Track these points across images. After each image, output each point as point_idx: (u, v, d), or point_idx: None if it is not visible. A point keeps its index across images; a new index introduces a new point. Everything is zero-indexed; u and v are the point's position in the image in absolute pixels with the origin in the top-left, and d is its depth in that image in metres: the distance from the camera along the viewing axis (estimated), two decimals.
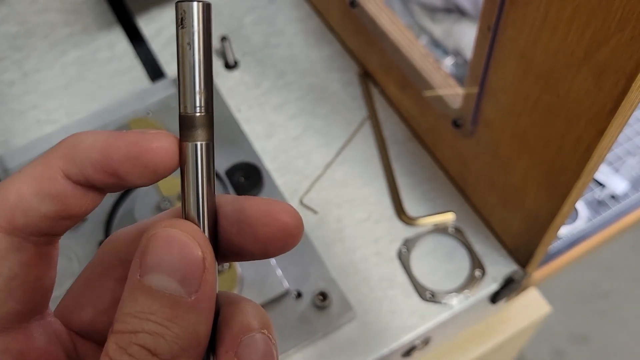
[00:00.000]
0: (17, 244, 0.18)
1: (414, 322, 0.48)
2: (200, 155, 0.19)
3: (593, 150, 0.34)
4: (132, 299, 0.17)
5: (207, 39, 0.19)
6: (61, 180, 0.19)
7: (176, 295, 0.17)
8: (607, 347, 1.29)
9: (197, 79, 0.19)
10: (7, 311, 0.18)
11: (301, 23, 0.65)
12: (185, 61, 0.18)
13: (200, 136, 0.19)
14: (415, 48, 0.50)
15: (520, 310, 0.60)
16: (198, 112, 0.19)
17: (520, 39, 0.35)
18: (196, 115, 0.19)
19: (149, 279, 0.17)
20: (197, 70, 0.18)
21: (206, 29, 0.19)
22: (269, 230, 0.19)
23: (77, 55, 0.64)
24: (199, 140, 0.19)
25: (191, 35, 0.18)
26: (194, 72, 0.18)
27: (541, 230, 0.44)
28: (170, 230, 0.18)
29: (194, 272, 0.17)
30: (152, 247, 0.17)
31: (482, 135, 0.45)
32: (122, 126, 0.55)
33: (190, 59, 0.18)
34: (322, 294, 0.47)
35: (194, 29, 0.18)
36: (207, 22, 0.19)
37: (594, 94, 0.32)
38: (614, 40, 0.29)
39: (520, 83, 0.38)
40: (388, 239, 0.51)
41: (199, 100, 0.19)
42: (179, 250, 0.17)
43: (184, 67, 0.19)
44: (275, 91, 0.60)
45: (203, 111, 0.19)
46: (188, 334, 0.17)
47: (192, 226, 0.18)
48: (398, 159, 0.56)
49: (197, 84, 0.19)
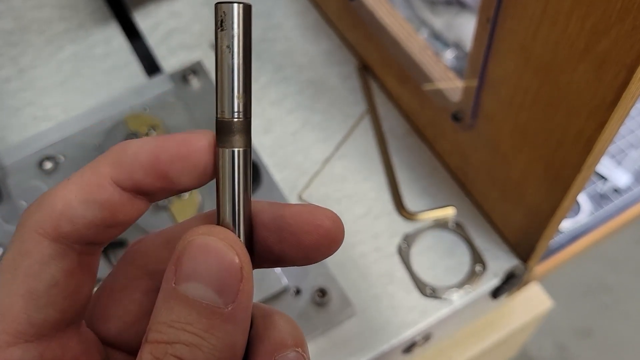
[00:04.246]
0: (61, 252, 0.18)
1: (414, 318, 0.48)
2: (238, 162, 0.18)
3: (594, 144, 0.34)
4: (167, 307, 0.17)
5: (248, 41, 0.18)
6: (109, 186, 0.18)
7: (213, 305, 0.17)
8: (610, 341, 1.29)
9: (236, 84, 0.18)
10: (44, 318, 0.18)
11: (299, 16, 0.64)
12: (224, 64, 0.18)
13: (238, 142, 0.18)
14: (414, 41, 0.49)
15: (522, 305, 0.59)
16: (236, 117, 0.18)
17: (520, 31, 0.35)
18: (234, 121, 0.18)
19: (185, 287, 0.17)
20: (237, 74, 0.18)
21: (246, 32, 0.18)
22: (312, 238, 0.19)
23: (73, 51, 0.63)
24: (236, 146, 0.18)
25: (231, 38, 0.18)
26: (233, 76, 0.18)
27: (542, 225, 0.43)
28: (208, 238, 0.17)
29: (231, 281, 0.17)
30: (188, 255, 0.17)
31: (482, 129, 0.44)
32: (119, 122, 0.54)
33: (230, 62, 0.18)
34: (321, 290, 0.46)
35: (234, 31, 0.18)
36: (248, 24, 0.18)
37: (595, 87, 0.32)
38: (615, 31, 0.28)
39: (520, 76, 0.37)
40: (388, 235, 0.51)
41: (238, 105, 0.18)
42: (216, 258, 0.17)
43: (222, 71, 0.18)
44: (273, 86, 0.60)
45: (241, 116, 0.18)
46: (225, 345, 0.17)
47: (229, 234, 0.18)
48: (398, 154, 0.55)
49: (235, 89, 0.18)
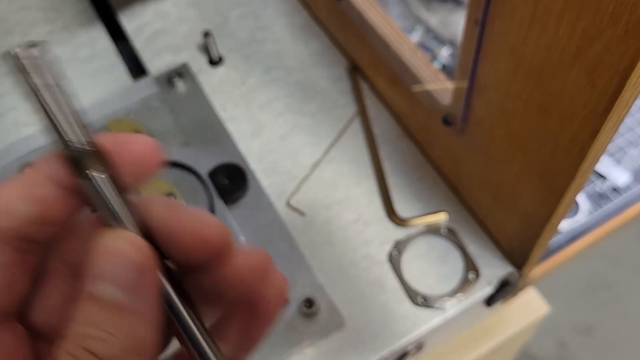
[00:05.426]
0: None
1: (406, 327, 0.46)
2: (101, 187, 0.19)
3: (588, 151, 0.33)
4: (80, 307, 0.18)
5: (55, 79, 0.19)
6: (46, 182, 0.19)
7: (117, 301, 0.18)
8: (611, 339, 1.28)
9: (61, 118, 0.18)
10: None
11: (288, 17, 0.62)
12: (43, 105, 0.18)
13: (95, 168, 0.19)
14: (404, 42, 0.48)
15: (519, 311, 0.58)
16: (77, 146, 0.19)
17: (510, 34, 0.33)
18: (76, 150, 0.19)
19: (93, 287, 0.18)
20: (57, 111, 0.18)
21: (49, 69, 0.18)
22: (200, 254, 0.20)
23: (58, 53, 0.62)
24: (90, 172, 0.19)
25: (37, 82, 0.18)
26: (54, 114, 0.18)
27: (537, 231, 0.42)
28: (110, 240, 0.18)
29: (132, 278, 0.18)
30: (95, 257, 0.18)
31: (473, 134, 0.43)
32: (102, 127, 0.53)
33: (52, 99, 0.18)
34: (308, 300, 0.45)
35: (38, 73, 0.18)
36: (46, 62, 0.18)
37: (588, 93, 0.30)
38: (607, 35, 0.27)
39: (511, 81, 0.35)
40: (378, 241, 0.50)
41: (73, 135, 0.19)
42: (118, 257, 0.18)
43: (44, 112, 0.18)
44: (261, 88, 0.58)
45: (81, 144, 0.19)
46: (130, 338, 0.18)
47: (129, 233, 0.19)
48: (389, 158, 0.53)
49: (62, 123, 0.18)
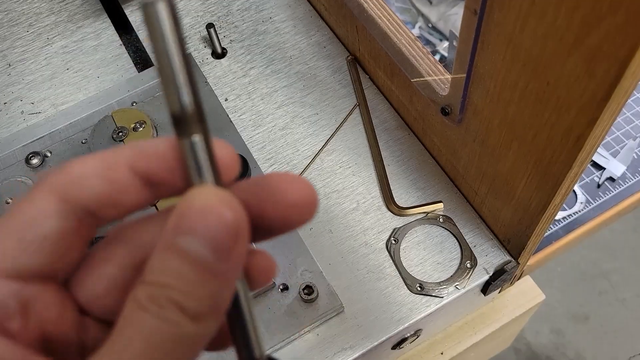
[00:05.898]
0: (63, 212, 0.19)
1: (403, 314, 0.47)
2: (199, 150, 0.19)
3: (585, 141, 0.33)
4: (164, 256, 0.18)
5: (179, 35, 0.18)
6: (124, 167, 0.20)
7: (205, 261, 0.18)
8: (607, 327, 1.29)
9: (179, 77, 0.18)
10: (29, 264, 0.19)
11: (290, 9, 0.63)
12: (163, 61, 0.18)
13: (194, 131, 0.19)
14: (403, 34, 0.48)
15: (515, 299, 0.59)
16: (186, 109, 0.19)
17: (507, 24, 0.34)
18: (185, 113, 0.19)
19: (182, 240, 0.18)
20: (177, 69, 0.18)
21: (176, 25, 0.18)
22: (290, 197, 0.20)
23: (63, 44, 0.63)
24: (193, 135, 0.19)
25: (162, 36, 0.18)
26: (175, 71, 0.18)
27: (533, 221, 0.43)
28: (210, 197, 0.18)
29: (226, 242, 0.18)
30: (190, 211, 0.18)
31: (470, 123, 0.44)
32: (106, 117, 0.54)
33: (168, 58, 0.18)
34: (307, 287, 0.46)
35: (164, 28, 0.18)
36: (175, 18, 0.18)
37: (585, 82, 0.31)
38: (606, 24, 0.27)
39: (508, 70, 0.36)
40: (377, 230, 0.50)
41: (185, 97, 0.19)
42: (215, 218, 0.18)
43: (163, 68, 0.18)
44: (263, 79, 0.59)
45: (191, 108, 0.19)
46: (210, 299, 0.18)
47: (231, 197, 0.19)
48: (388, 147, 0.54)
49: (180, 82, 0.18)
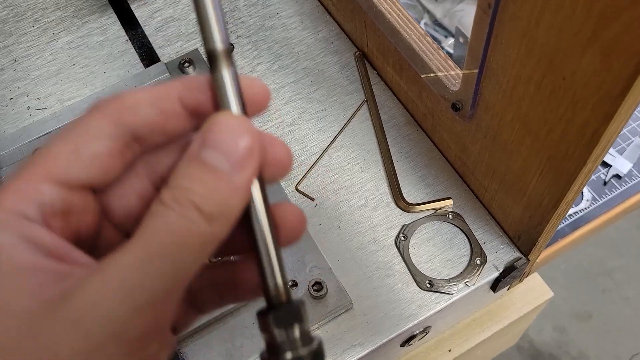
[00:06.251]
0: (114, 135, 0.21)
1: (412, 311, 0.47)
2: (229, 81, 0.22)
3: (600, 136, 0.32)
4: (189, 165, 0.21)
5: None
6: (174, 98, 0.22)
7: (222, 171, 0.20)
8: (610, 325, 1.28)
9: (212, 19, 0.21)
10: (78, 176, 0.21)
11: (297, 4, 0.63)
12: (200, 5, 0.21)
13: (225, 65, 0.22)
14: (413, 28, 0.48)
15: (523, 297, 0.58)
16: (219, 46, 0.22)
17: (522, 17, 0.34)
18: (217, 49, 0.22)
19: (206, 153, 0.21)
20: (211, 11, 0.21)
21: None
22: None
23: (69, 39, 0.62)
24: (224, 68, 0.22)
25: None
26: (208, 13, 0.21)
27: (544, 218, 0.43)
28: (236, 121, 0.21)
29: (242, 157, 0.21)
30: (216, 129, 0.21)
31: (482, 119, 0.43)
32: None
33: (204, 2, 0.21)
34: (317, 283, 0.45)
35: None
36: None
37: (602, 76, 0.30)
38: (626, 16, 0.27)
39: (523, 64, 0.36)
40: (386, 226, 0.50)
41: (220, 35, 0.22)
42: (237, 136, 0.21)
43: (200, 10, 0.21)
44: (270, 75, 0.58)
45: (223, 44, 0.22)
46: (224, 203, 0.20)
47: (251, 124, 0.21)
48: (396, 144, 0.54)
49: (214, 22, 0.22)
